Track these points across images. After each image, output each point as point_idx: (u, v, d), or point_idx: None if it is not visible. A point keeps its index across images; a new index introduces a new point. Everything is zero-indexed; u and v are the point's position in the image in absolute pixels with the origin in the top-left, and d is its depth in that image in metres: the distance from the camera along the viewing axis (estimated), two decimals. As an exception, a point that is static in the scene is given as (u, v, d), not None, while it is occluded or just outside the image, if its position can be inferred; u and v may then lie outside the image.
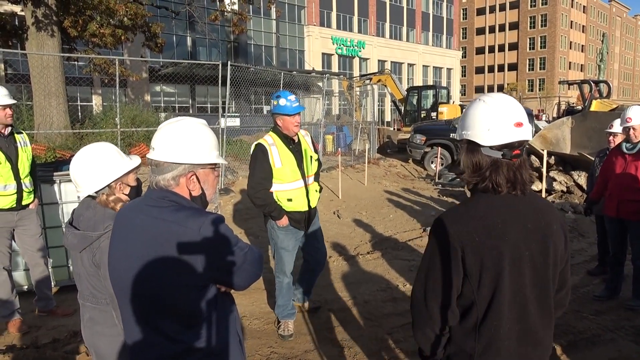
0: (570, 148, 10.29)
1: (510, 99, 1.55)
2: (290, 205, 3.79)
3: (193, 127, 1.61)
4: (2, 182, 3.83)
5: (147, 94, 28.82)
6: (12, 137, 3.93)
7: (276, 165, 3.69)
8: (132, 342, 1.56)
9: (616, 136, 4.90)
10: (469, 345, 1.51)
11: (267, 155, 3.68)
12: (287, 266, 3.95)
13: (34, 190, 4.11)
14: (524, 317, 1.49)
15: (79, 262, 2.12)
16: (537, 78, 73.11)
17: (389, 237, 7.02)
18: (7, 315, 3.97)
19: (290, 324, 4.00)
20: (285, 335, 3.92)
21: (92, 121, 14.53)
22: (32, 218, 4.09)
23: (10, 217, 3.94)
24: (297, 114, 3.67)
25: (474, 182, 1.54)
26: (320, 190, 4.09)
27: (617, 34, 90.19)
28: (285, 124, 3.69)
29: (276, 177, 3.74)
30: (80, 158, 2.11)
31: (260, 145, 3.72)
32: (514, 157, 1.48)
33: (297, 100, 3.73)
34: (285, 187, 3.76)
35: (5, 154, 3.83)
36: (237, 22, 17.46)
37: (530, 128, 1.51)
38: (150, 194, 1.59)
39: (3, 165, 3.81)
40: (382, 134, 20.37)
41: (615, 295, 4.62)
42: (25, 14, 12.06)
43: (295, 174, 3.76)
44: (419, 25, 49.88)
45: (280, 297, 3.99)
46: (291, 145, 3.77)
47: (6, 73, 23.98)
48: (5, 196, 3.86)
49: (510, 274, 1.46)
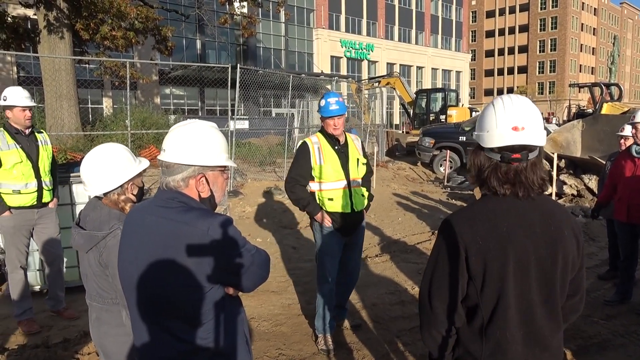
0: (581, 151, 10.21)
1: (520, 101, 1.49)
2: (331, 205, 3.70)
3: (203, 130, 1.63)
4: (23, 180, 3.92)
5: (157, 96, 29.04)
6: (33, 136, 4.05)
7: (318, 162, 3.68)
8: (140, 341, 1.58)
9: (627, 139, 4.87)
10: (475, 348, 1.51)
11: (309, 154, 3.69)
12: (331, 272, 3.75)
13: (53, 189, 4.19)
14: (531, 321, 1.48)
15: (85, 263, 2.14)
16: (547, 81, 72.64)
17: (397, 240, 7.00)
18: (19, 315, 4.01)
19: (330, 338, 3.79)
20: (324, 350, 3.74)
21: (102, 123, 14.67)
22: (51, 217, 4.17)
23: (31, 215, 4.02)
24: (335, 116, 3.63)
25: (478, 184, 1.55)
26: (370, 198, 3.94)
27: (628, 36, 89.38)
28: (325, 124, 3.71)
29: (318, 176, 3.71)
30: (93, 158, 2.12)
31: (304, 143, 3.78)
32: (513, 161, 1.46)
33: (341, 103, 3.67)
34: (327, 187, 3.71)
35: (26, 153, 3.93)
36: (246, 25, 17.56)
37: (536, 132, 1.46)
38: (160, 195, 1.60)
39: (24, 163, 3.91)
40: (391, 136, 20.33)
41: (626, 300, 4.58)
42: (38, 17, 12.22)
43: (339, 174, 3.70)
44: (428, 28, 49.78)
45: (321, 306, 3.78)
46: (337, 145, 3.74)
47: (19, 76, 24.29)
48: (27, 194, 3.96)
49: (515, 278, 1.45)
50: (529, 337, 1.48)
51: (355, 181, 3.77)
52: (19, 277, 4.03)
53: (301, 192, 3.72)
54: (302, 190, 3.73)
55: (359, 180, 3.81)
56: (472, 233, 1.46)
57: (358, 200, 3.76)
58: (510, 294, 1.45)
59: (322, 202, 3.72)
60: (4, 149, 3.83)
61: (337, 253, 3.78)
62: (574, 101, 36.08)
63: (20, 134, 3.93)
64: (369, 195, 3.92)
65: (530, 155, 1.47)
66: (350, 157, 3.76)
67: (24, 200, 3.95)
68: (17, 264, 4.02)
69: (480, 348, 1.49)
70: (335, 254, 3.77)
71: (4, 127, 3.94)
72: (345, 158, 3.74)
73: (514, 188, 1.48)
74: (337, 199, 3.70)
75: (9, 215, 3.91)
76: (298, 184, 3.71)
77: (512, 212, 1.49)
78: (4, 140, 3.85)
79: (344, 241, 3.80)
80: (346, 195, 3.71)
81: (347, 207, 3.70)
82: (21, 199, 3.94)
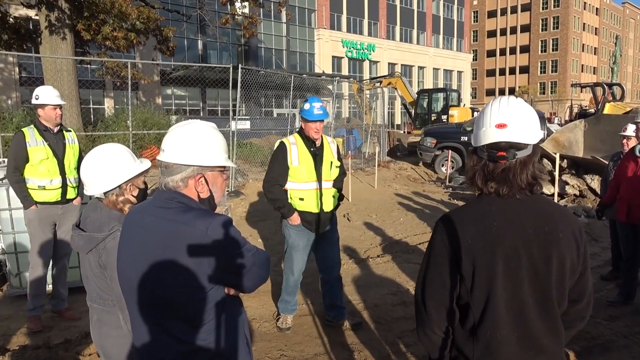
0: (583, 151, 10.19)
1: (510, 101, 1.50)
2: (301, 205, 3.89)
3: (202, 130, 1.62)
4: (48, 177, 4.02)
5: (159, 96, 29.08)
6: (61, 134, 4.16)
7: (293, 164, 3.84)
8: (139, 343, 1.57)
9: (630, 139, 4.87)
10: (467, 349, 1.51)
11: (286, 154, 3.85)
12: (296, 265, 4.02)
13: (78, 187, 4.24)
14: (523, 323, 1.46)
15: (86, 264, 2.13)
16: (549, 81, 72.51)
17: (399, 240, 6.99)
18: (31, 310, 4.06)
19: (289, 318, 4.13)
20: (282, 328, 4.07)
21: (104, 124, 14.70)
22: (74, 214, 4.21)
23: (55, 210, 4.11)
24: (317, 120, 3.81)
25: (468, 183, 1.57)
26: (340, 198, 4.14)
27: (630, 36, 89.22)
28: (306, 127, 3.87)
29: (292, 176, 3.88)
30: (93, 157, 2.12)
31: (282, 143, 3.93)
32: (499, 159, 1.46)
33: (324, 108, 3.85)
34: (298, 187, 3.89)
35: (53, 150, 4.04)
36: (247, 25, 17.56)
37: (521, 130, 1.46)
38: (159, 195, 1.59)
39: (50, 160, 4.02)
40: (392, 137, 20.32)
41: (629, 301, 4.55)
42: (40, 18, 12.25)
43: (311, 175, 3.87)
44: (429, 28, 49.75)
45: (285, 293, 4.12)
46: (312, 147, 3.91)
47: (20, 76, 24.34)
48: (51, 190, 4.06)
49: (504, 278, 1.44)
50: (523, 339, 1.46)
51: (327, 183, 3.95)
52: (40, 272, 4.07)
53: (279, 193, 3.89)
54: (280, 192, 3.89)
55: (330, 182, 3.98)
56: (463, 232, 1.48)
57: (328, 201, 3.96)
58: (500, 294, 1.44)
59: (292, 201, 3.91)
60: (33, 145, 3.97)
61: (304, 249, 4.00)
62: (576, 101, 36.06)
63: (49, 131, 4.06)
64: (339, 196, 4.12)
65: (518, 154, 1.45)
66: (324, 160, 3.93)
67: (48, 196, 4.05)
68: (40, 260, 4.06)
69: (472, 348, 1.49)
70: (301, 249, 3.99)
71: (34, 124, 4.08)
72: (320, 160, 3.91)
73: (498, 186, 1.48)
74: (308, 199, 3.89)
75: (35, 210, 4.01)
76: (277, 184, 3.89)
77: (503, 212, 1.47)
78: (33, 136, 3.99)
79: (313, 238, 4.00)
80: (317, 196, 3.90)
81: (316, 207, 3.90)
82: (46, 194, 4.04)
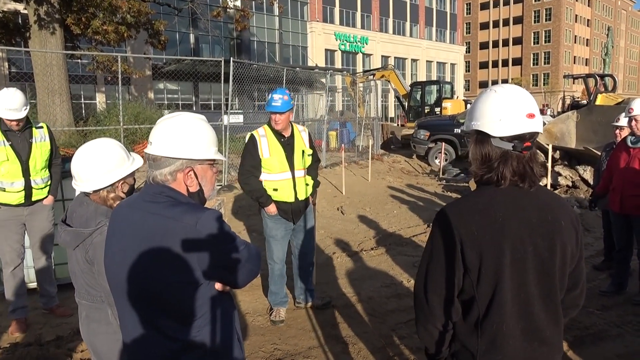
0: (576, 142, 10.22)
1: (522, 89, 1.50)
2: (276, 195, 3.98)
3: (191, 122, 1.58)
4: (9, 179, 3.81)
5: (151, 91, 28.87)
6: (28, 132, 3.89)
7: (264, 156, 3.93)
8: (129, 340, 1.54)
9: (623, 129, 4.87)
10: (471, 343, 1.47)
11: (257, 146, 3.94)
12: (276, 254, 4.12)
13: (50, 186, 4.08)
14: (528, 315, 1.44)
15: (73, 260, 2.09)
16: (542, 72, 72.70)
17: (392, 233, 6.99)
18: (11, 312, 3.96)
19: (282, 311, 4.17)
20: (276, 321, 4.09)
21: (95, 119, 14.57)
22: (43, 213, 4.06)
23: (20, 211, 3.95)
24: (279, 112, 3.86)
25: (481, 174, 1.49)
26: (315, 185, 4.24)
27: (622, 27, 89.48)
28: (270, 119, 3.95)
29: (264, 167, 3.97)
30: (86, 153, 2.05)
31: (252, 136, 4.01)
32: (525, 150, 1.44)
33: (286, 101, 3.87)
34: (272, 177, 3.98)
35: (16, 151, 3.81)
36: (239, 18, 17.47)
37: (542, 120, 1.48)
38: (147, 189, 1.55)
39: (11, 162, 3.79)
40: (386, 129, 20.29)
41: (621, 291, 4.58)
42: (28, 12, 12.09)
43: (283, 166, 3.96)
44: (422, 20, 49.63)
45: (272, 283, 4.18)
46: (282, 138, 3.98)
47: (10, 71, 24.08)
48: (12, 192, 3.85)
49: (512, 270, 1.41)
50: (528, 331, 1.45)
51: (300, 172, 4.05)
52: (11, 273, 3.96)
53: (255, 184, 3.98)
54: (256, 182, 3.98)
55: (303, 170, 4.08)
56: (468, 224, 1.43)
57: (301, 190, 4.06)
58: (507, 286, 1.41)
59: (267, 191, 3.99)
60: None
61: (282, 237, 4.12)
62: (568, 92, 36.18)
63: (11, 130, 3.79)
64: (314, 183, 4.24)
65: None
66: (295, 149, 4.02)
67: (10, 198, 3.87)
68: (9, 260, 3.95)
69: (476, 342, 1.46)
70: (280, 238, 4.11)
71: None
72: (291, 150, 4.00)
73: (522, 177, 1.45)
74: (282, 189, 3.99)
75: None
76: (252, 176, 3.97)
77: (508, 202, 1.45)
78: None
79: (291, 226, 4.12)
80: (290, 186, 4.00)
81: (290, 196, 4.00)
82: (7, 196, 3.86)
